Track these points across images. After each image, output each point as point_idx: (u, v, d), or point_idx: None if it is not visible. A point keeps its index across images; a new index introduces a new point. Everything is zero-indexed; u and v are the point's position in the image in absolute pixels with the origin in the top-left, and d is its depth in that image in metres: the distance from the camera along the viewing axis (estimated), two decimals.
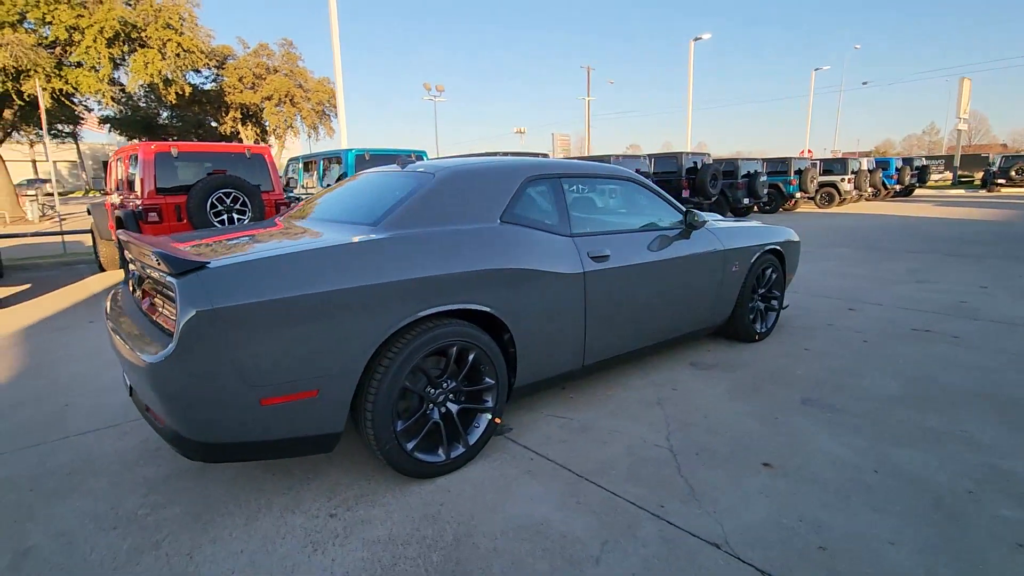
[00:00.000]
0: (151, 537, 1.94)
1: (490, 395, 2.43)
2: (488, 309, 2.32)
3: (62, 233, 10.80)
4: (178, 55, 20.70)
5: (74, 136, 42.33)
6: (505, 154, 8.75)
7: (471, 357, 2.32)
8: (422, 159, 7.39)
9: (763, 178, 14.24)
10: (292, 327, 1.84)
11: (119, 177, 6.73)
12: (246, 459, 1.94)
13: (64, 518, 2.06)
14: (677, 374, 3.42)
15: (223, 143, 7.13)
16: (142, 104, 30.25)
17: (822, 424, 2.71)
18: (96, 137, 48.68)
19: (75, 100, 20.86)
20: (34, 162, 48.22)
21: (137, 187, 5.84)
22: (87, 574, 1.77)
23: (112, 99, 20.53)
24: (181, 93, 22.72)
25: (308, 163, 9.40)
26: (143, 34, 20.22)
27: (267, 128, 28.61)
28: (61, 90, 19.32)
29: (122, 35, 19.70)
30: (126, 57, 20.45)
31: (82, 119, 34.39)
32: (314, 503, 2.13)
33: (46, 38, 18.99)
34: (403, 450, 2.15)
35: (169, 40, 20.39)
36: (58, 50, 19.87)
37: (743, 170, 13.98)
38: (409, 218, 2.29)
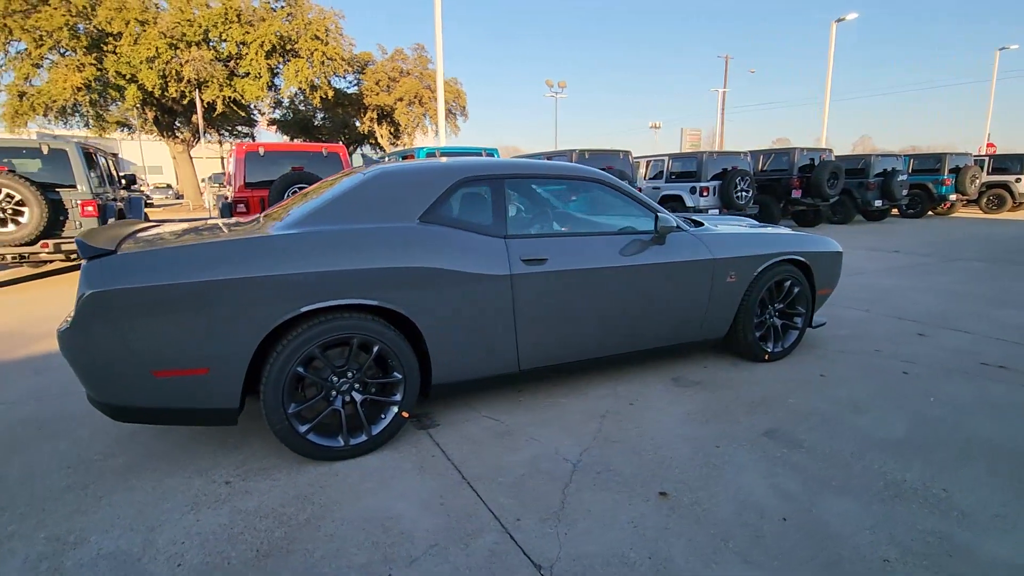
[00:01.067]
0: (86, 479, 2.32)
1: (398, 389, 2.51)
2: (389, 306, 2.39)
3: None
4: (322, 63, 23.10)
5: (252, 136, 48.90)
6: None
7: (375, 350, 2.42)
8: (493, 156, 7.55)
9: (902, 177, 12.39)
10: (181, 310, 2.08)
11: (229, 173, 7.79)
12: (153, 422, 2.24)
13: (40, 454, 2.53)
14: (648, 388, 3.20)
15: (305, 143, 7.91)
16: (301, 107, 34.18)
17: (765, 461, 2.40)
18: (269, 137, 55.93)
19: (242, 105, 24.09)
20: (222, 159, 56.77)
21: (232, 182, 6.73)
22: (27, 498, 2.17)
23: (269, 104, 23.41)
24: (325, 97, 25.31)
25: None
26: (295, 46, 22.86)
27: (400, 127, 30.77)
28: (231, 97, 22.52)
29: (278, 48, 22.48)
30: (281, 67, 23.30)
31: (256, 121, 39.49)
32: (224, 470, 2.38)
33: (221, 53, 22.26)
34: (295, 431, 2.32)
35: (316, 50, 22.81)
36: (232, 63, 23.18)
37: (876, 168, 12.27)
38: (321, 216, 2.44)
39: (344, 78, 31.09)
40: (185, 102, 23.09)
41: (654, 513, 2.04)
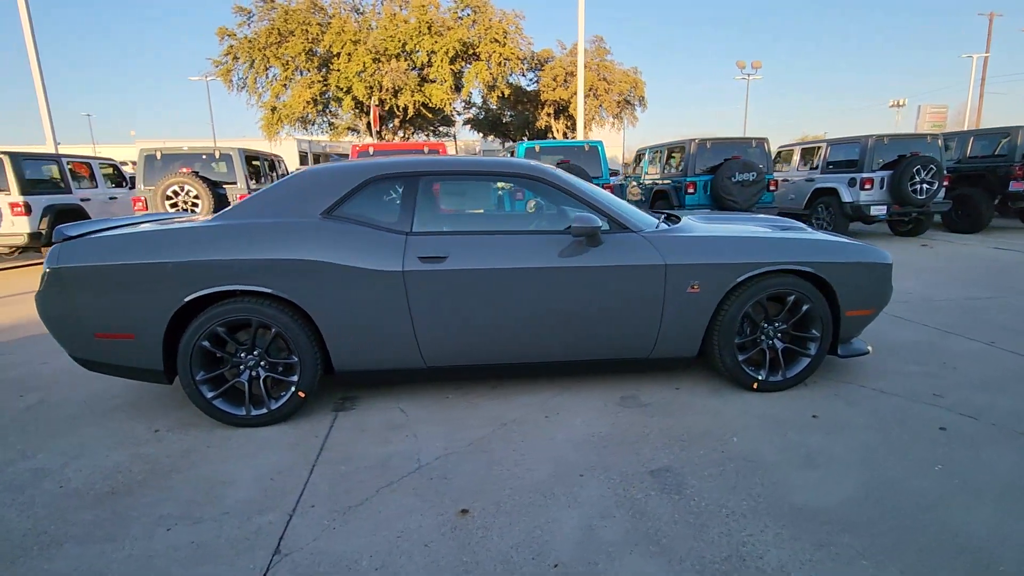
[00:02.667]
0: (78, 416, 3.02)
1: (295, 371, 2.75)
2: (281, 294, 2.63)
3: None
4: (499, 64, 24.47)
5: (453, 136, 53.70)
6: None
7: (271, 333, 2.69)
8: (597, 150, 7.46)
9: None
10: (111, 286, 2.59)
11: None
12: (108, 373, 2.82)
13: (57, 396, 3.34)
14: (580, 403, 2.93)
15: (409, 143, 8.54)
16: (493, 107, 36.65)
17: (613, 502, 2.07)
18: (470, 135, 60.81)
19: (431, 108, 26.70)
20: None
21: None
22: (23, 425, 2.92)
23: (464, 105, 25.57)
24: (503, 95, 26.78)
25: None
26: (476, 50, 24.59)
27: (575, 120, 31.08)
28: (421, 102, 25.19)
29: (461, 53, 24.43)
30: (463, 71, 25.28)
31: (454, 121, 43.24)
32: (165, 422, 2.87)
33: (414, 62, 24.98)
34: (202, 395, 2.70)
35: (494, 53, 24.26)
36: (424, 71, 25.87)
37: None
38: (240, 211, 2.77)
39: (525, 76, 32.44)
40: (386, 108, 26.45)
41: (433, 528, 1.94)
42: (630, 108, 31.11)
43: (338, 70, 24.77)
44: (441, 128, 42.78)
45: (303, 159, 45.33)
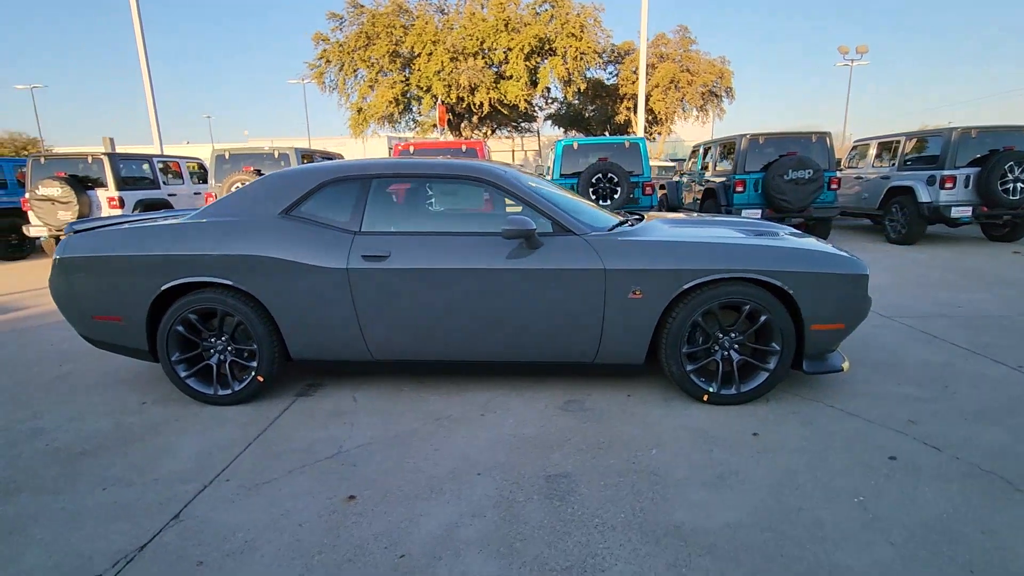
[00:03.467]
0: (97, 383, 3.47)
1: (255, 356, 3.00)
2: (241, 286, 2.88)
3: None
4: (574, 58, 24.25)
5: (537, 132, 53.84)
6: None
7: (234, 321, 2.96)
8: (638, 147, 7.38)
9: None
10: (101, 275, 2.97)
11: None
12: (107, 351, 3.23)
13: (82, 369, 3.84)
14: (521, 404, 2.96)
15: (449, 141, 8.63)
16: (574, 102, 36.43)
17: (488, 503, 2.10)
18: (553, 131, 60.86)
19: (506, 105, 26.97)
20: (512, 152, 64.29)
21: None
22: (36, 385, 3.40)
23: (526, 102, 25.67)
24: (579, 90, 26.52)
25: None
26: (552, 45, 24.53)
27: (656, 114, 30.17)
28: (497, 99, 25.54)
29: (537, 49, 24.46)
30: (539, 67, 25.29)
31: (535, 117, 43.31)
32: (156, 395, 3.25)
33: (492, 60, 25.35)
34: (176, 374, 3.03)
35: (569, 47, 24.07)
36: (502, 68, 26.20)
37: None
38: (214, 209, 3.06)
39: (604, 69, 31.87)
40: (464, 106, 27.08)
41: (315, 511, 2.08)
42: (716, 100, 29.64)
43: (418, 70, 25.70)
44: (523, 124, 43.03)
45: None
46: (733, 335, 2.85)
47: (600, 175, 7.64)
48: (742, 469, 2.29)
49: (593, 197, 7.69)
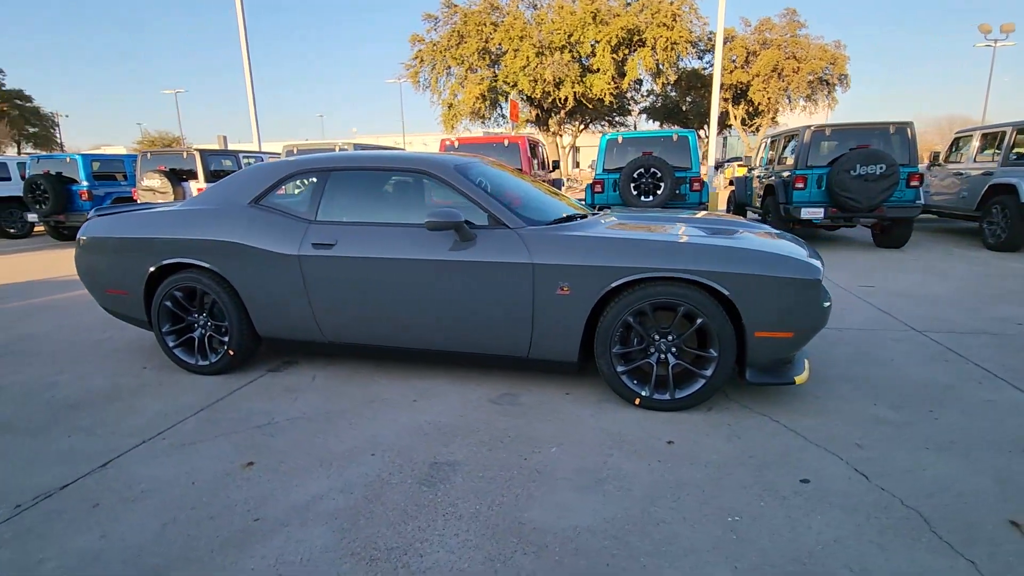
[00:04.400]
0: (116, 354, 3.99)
1: (227, 333, 3.31)
2: (215, 268, 3.19)
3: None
4: (665, 49, 23.34)
5: (634, 126, 52.46)
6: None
7: (210, 299, 3.28)
8: (687, 140, 7.19)
9: None
10: (110, 253, 3.41)
11: None
12: (122, 320, 3.70)
13: (119, 334, 4.39)
14: (456, 394, 3.00)
15: (491, 136, 8.55)
16: (672, 94, 35.17)
17: (364, 473, 2.19)
18: (648, 126, 58.99)
19: (591, 99, 26.55)
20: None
21: None
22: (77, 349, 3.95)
23: (611, 95, 25.10)
24: (668, 81, 25.51)
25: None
26: (642, 35, 23.77)
27: (756, 105, 28.32)
28: (582, 93, 25.24)
29: (625, 41, 23.82)
30: (627, 59, 24.61)
31: (630, 110, 42.47)
32: (157, 363, 3.68)
33: (578, 53, 25.07)
34: (166, 344, 3.41)
35: (660, 37, 23.20)
36: (589, 62, 25.84)
37: None
38: (199, 198, 3.39)
39: (701, 59, 30.34)
40: (549, 101, 27.05)
41: (213, 472, 2.29)
42: (827, 88, 27.17)
43: (505, 66, 26.03)
44: (617, 118, 42.22)
45: None
46: (670, 338, 2.71)
47: (642, 170, 7.37)
48: (630, 476, 2.19)
49: (635, 193, 7.44)
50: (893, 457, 2.28)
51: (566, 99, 25.77)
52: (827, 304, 2.64)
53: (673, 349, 2.71)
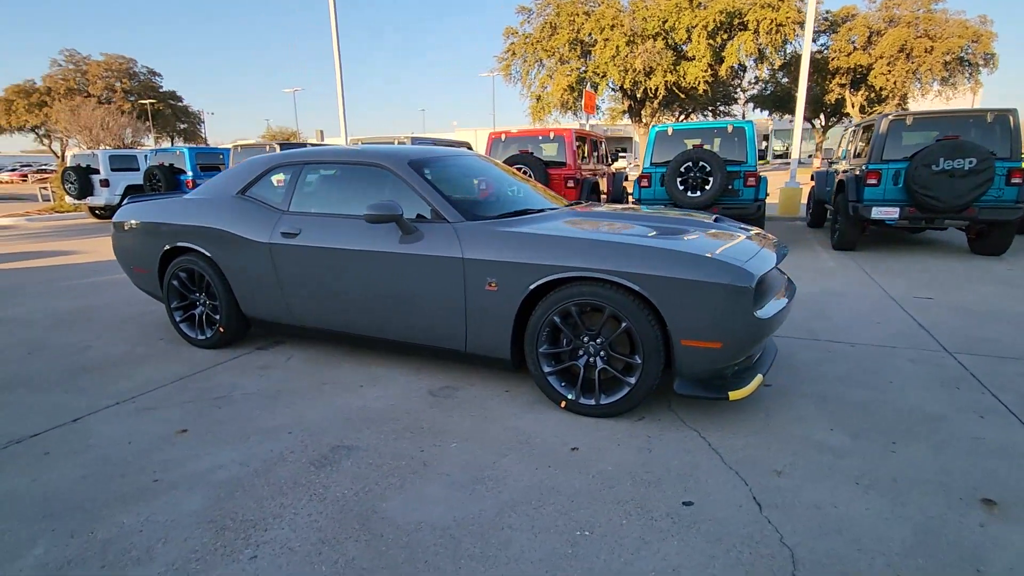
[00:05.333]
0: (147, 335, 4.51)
1: (217, 312, 3.63)
2: (207, 252, 3.51)
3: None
4: (769, 32, 21.65)
5: (742, 115, 49.49)
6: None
7: (205, 280, 3.63)
8: (743, 132, 6.89)
9: None
10: (132, 236, 3.87)
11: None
12: (149, 296, 4.17)
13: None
14: (400, 382, 3.08)
15: (538, 129, 8.22)
16: (783, 80, 32.71)
17: (269, 449, 2.33)
18: (756, 116, 55.09)
19: (682, 88, 25.29)
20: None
21: None
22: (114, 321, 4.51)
23: (707, 83, 23.74)
24: (773, 66, 23.65)
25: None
26: (744, 19, 22.24)
27: (877, 91, 25.52)
28: (674, 82, 24.13)
29: (723, 26, 22.40)
30: (725, 45, 23.11)
31: (736, 99, 40.28)
32: (172, 336, 4.12)
33: (672, 40, 23.97)
34: (173, 319, 3.82)
35: (763, 19, 21.57)
36: (685, 49, 24.64)
37: None
38: (202, 189, 3.74)
39: (815, 41, 27.79)
40: (641, 91, 26.16)
41: (150, 435, 2.55)
42: (964, 69, 23.79)
43: (596, 56, 25.53)
44: (720, 107, 40.10)
45: None
46: (599, 341, 2.59)
47: (690, 164, 6.95)
48: (510, 479, 2.14)
49: (681, 188, 7.05)
50: (808, 489, 2.03)
51: (657, 88, 24.79)
52: (769, 315, 2.39)
53: (602, 353, 2.59)
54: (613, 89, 28.29)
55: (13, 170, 47.81)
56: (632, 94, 27.60)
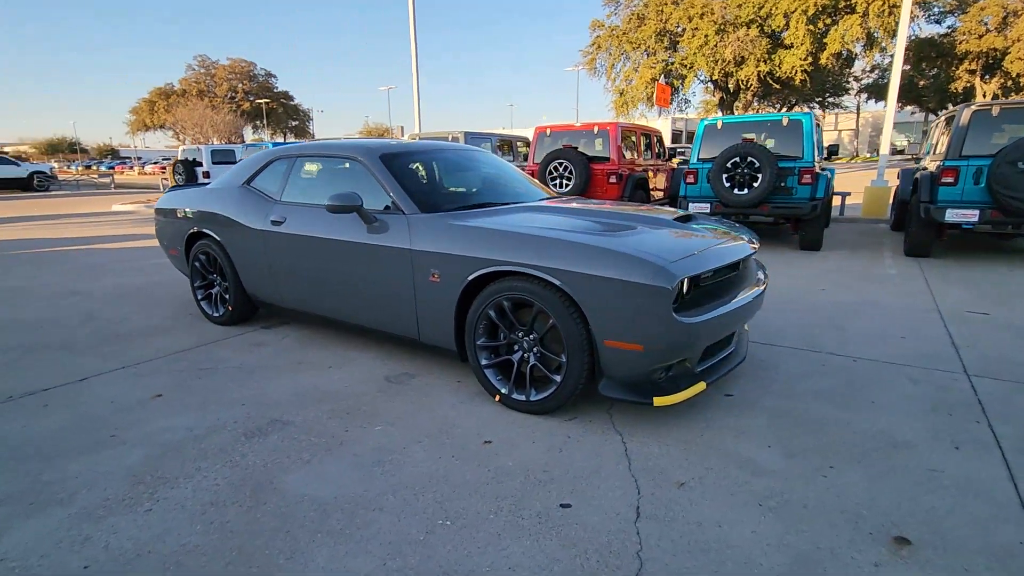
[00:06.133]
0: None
1: (226, 292, 3.98)
2: (217, 237, 3.86)
3: None
4: (879, 14, 19.66)
5: (856, 108, 45.58)
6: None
7: (218, 262, 3.98)
8: (800, 125, 6.57)
9: None
10: (166, 220, 4.33)
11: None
12: (181, 274, 4.63)
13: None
14: (365, 366, 3.21)
15: (584, 123, 7.80)
16: (904, 67, 29.76)
17: (209, 417, 2.55)
18: (873, 107, 50.16)
19: (777, 78, 23.57)
20: (839, 131, 54.52)
21: (530, 158, 8.38)
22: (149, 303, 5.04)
23: (802, 73, 21.99)
24: (883, 53, 21.47)
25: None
26: (851, 1, 20.35)
27: (1014, 78, 22.45)
28: (766, 72, 22.59)
29: (826, 9, 20.61)
30: (828, 30, 21.25)
31: (848, 89, 37.30)
32: (194, 311, 4.55)
33: (768, 28, 22.42)
34: (196, 297, 4.23)
35: (874, 1, 19.62)
36: (783, 37, 22.98)
37: None
38: (222, 179, 4.09)
39: (941, 23, 24.86)
40: (732, 81, 24.76)
41: (126, 400, 2.86)
42: None
43: (683, 46, 24.51)
44: (829, 98, 37.37)
45: (675, 137, 45.34)
46: (532, 337, 2.56)
47: (738, 159, 6.53)
48: (409, 464, 2.20)
49: (727, 185, 6.64)
50: (702, 505, 1.90)
51: (749, 79, 23.38)
52: (699, 320, 2.24)
53: (535, 349, 2.56)
54: (703, 81, 27.03)
55: (155, 163, 54.58)
56: (724, 86, 26.22)
